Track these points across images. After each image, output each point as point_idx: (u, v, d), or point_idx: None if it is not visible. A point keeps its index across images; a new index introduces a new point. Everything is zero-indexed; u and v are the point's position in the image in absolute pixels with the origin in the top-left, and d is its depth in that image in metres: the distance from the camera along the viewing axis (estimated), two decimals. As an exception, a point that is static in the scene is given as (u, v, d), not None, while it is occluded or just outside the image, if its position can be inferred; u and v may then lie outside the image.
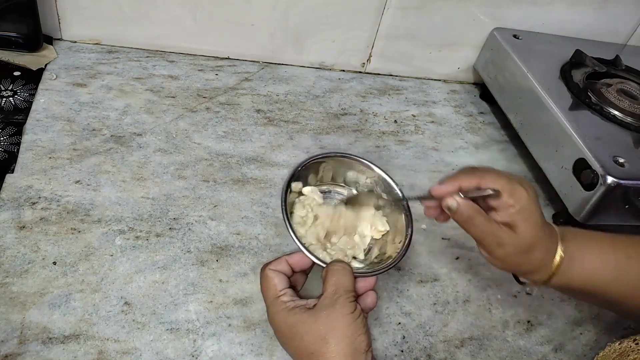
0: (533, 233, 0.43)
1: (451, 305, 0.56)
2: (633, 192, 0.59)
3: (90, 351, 0.44)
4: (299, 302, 0.42)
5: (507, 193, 0.43)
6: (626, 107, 0.69)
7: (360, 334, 0.40)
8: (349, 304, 0.41)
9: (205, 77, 0.77)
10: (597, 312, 0.58)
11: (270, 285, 0.43)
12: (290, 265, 0.45)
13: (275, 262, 0.45)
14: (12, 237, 0.51)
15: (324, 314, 0.40)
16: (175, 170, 0.62)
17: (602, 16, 0.85)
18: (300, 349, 0.41)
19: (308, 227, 0.51)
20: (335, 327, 0.40)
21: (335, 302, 0.41)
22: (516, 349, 0.53)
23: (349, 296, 0.42)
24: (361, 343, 0.40)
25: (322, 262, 0.46)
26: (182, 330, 0.47)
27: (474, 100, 0.87)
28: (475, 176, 0.44)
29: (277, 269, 0.44)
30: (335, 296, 0.42)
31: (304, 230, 0.51)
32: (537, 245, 0.44)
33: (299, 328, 0.41)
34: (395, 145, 0.74)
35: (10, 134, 0.60)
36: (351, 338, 0.40)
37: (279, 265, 0.45)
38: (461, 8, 0.80)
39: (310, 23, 0.79)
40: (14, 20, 0.68)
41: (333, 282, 0.43)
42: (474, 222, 0.43)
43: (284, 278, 0.44)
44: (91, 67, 0.73)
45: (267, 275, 0.44)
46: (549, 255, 0.44)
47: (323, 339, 0.39)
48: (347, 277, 0.43)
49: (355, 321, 0.40)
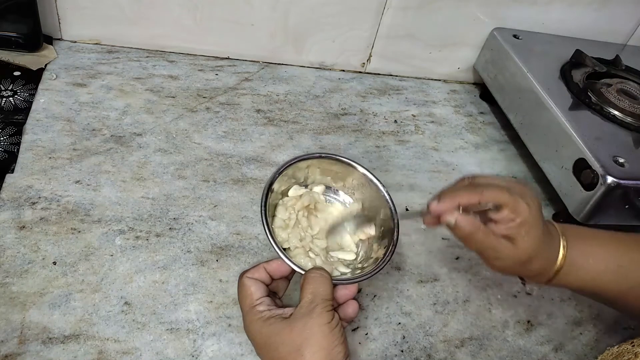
0: (533, 246, 0.43)
1: (451, 305, 0.56)
2: (633, 192, 0.59)
3: (90, 351, 0.44)
4: (275, 312, 0.41)
5: (509, 208, 0.42)
6: (626, 107, 0.69)
7: (337, 344, 0.39)
8: (326, 314, 0.40)
9: (205, 77, 0.77)
10: (597, 312, 0.58)
11: (246, 294, 0.43)
12: (269, 272, 0.44)
13: (253, 269, 0.44)
14: (12, 237, 0.51)
15: (299, 324, 0.39)
16: (175, 170, 0.62)
17: (602, 16, 0.85)
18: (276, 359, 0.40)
19: (290, 230, 0.50)
20: (311, 337, 0.39)
21: (311, 312, 0.40)
22: (516, 349, 0.53)
23: (326, 305, 0.41)
24: (338, 354, 0.39)
25: (301, 269, 0.44)
26: (182, 330, 0.47)
27: (474, 100, 0.87)
28: (476, 192, 0.42)
29: (254, 276, 0.43)
30: (312, 305, 0.41)
31: (286, 234, 0.50)
32: (537, 257, 0.43)
33: (274, 338, 0.40)
34: (395, 145, 0.74)
35: (10, 134, 0.60)
36: (327, 349, 0.39)
37: (257, 273, 0.44)
38: (461, 8, 0.80)
39: (310, 23, 0.79)
40: (14, 20, 0.68)
41: (310, 291, 0.42)
42: (474, 238, 0.43)
43: (261, 286, 0.43)
44: (91, 67, 0.73)
45: (243, 284, 0.43)
46: (549, 264, 0.44)
47: (298, 350, 0.38)
48: (324, 285, 0.42)
49: (332, 331, 0.39)
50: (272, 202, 0.50)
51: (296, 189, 0.53)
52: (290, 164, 0.51)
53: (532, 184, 0.73)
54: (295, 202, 0.52)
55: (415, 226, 0.62)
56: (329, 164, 0.53)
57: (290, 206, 0.51)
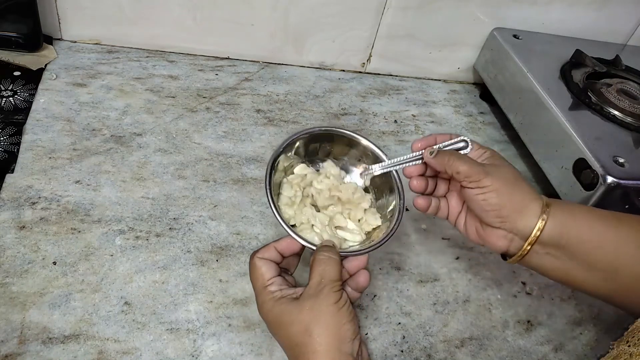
0: (512, 169, 0.46)
1: (451, 305, 0.56)
2: (633, 192, 0.59)
3: (90, 351, 0.44)
4: (286, 292, 0.42)
5: (476, 145, 0.49)
6: (626, 107, 0.69)
7: (345, 322, 0.40)
8: (333, 294, 0.41)
9: (205, 77, 0.77)
10: (597, 312, 0.58)
11: (257, 275, 0.43)
12: (279, 251, 0.45)
13: (263, 249, 0.45)
14: (12, 237, 0.51)
15: (307, 305, 0.41)
16: (175, 170, 0.62)
17: (602, 16, 0.85)
18: (287, 338, 0.41)
19: (296, 207, 0.50)
20: (318, 317, 0.40)
21: (319, 293, 0.41)
22: (516, 349, 0.53)
23: (334, 286, 0.42)
24: (347, 332, 0.40)
25: (312, 245, 0.45)
26: (182, 330, 0.47)
27: (474, 100, 0.87)
28: (447, 133, 0.50)
29: (264, 256, 0.44)
30: (320, 287, 0.42)
31: (292, 212, 0.49)
32: (520, 181, 0.45)
33: (284, 318, 0.41)
34: (395, 145, 0.74)
35: (10, 134, 0.60)
36: (334, 328, 0.40)
37: (267, 253, 0.44)
38: (461, 8, 0.80)
39: (310, 23, 0.79)
40: (14, 20, 0.68)
41: (319, 272, 0.43)
42: (456, 158, 0.46)
43: (272, 266, 0.44)
44: (91, 67, 0.73)
45: (255, 264, 0.44)
46: (532, 200, 0.44)
47: (306, 329, 0.39)
48: (333, 267, 0.43)
49: (339, 311, 0.40)
50: (276, 181, 0.50)
51: (302, 168, 0.53)
52: (291, 139, 0.50)
53: (532, 184, 0.73)
54: (300, 180, 0.51)
55: (415, 226, 0.62)
56: (330, 139, 0.53)
57: (296, 184, 0.51)
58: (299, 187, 0.51)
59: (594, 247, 0.44)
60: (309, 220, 0.49)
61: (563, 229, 0.44)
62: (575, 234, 0.44)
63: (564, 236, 0.44)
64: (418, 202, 0.50)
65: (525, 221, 0.44)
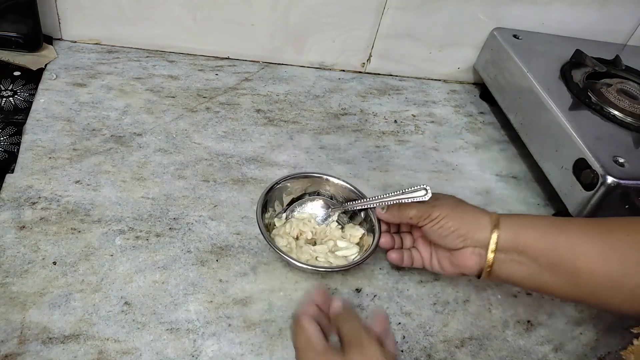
0: (451, 196, 0.52)
1: (451, 305, 0.56)
2: (633, 192, 0.59)
3: (90, 351, 0.44)
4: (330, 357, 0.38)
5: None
6: (626, 107, 0.69)
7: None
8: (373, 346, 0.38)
9: (205, 77, 0.77)
10: (597, 312, 0.58)
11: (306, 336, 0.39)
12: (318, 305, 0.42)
13: (306, 306, 0.41)
14: (12, 237, 0.51)
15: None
16: (175, 170, 0.62)
17: (602, 16, 0.85)
18: None
19: (296, 251, 0.54)
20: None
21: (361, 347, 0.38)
22: (516, 349, 0.53)
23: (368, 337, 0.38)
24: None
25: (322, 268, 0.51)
26: (182, 330, 0.47)
27: (474, 100, 0.87)
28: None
29: (309, 314, 0.41)
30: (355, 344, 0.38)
31: (295, 255, 0.53)
32: (463, 203, 0.51)
33: None
34: (395, 145, 0.74)
35: (10, 134, 0.60)
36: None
37: (310, 309, 0.41)
38: (461, 8, 0.80)
39: (310, 23, 0.79)
40: (14, 20, 0.68)
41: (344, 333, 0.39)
42: (405, 207, 0.51)
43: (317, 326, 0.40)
44: (91, 67, 0.73)
45: (302, 326, 0.40)
46: (481, 214, 0.49)
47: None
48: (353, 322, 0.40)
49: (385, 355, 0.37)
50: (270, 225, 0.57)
51: (279, 219, 0.57)
52: (268, 189, 0.56)
53: (532, 184, 0.73)
54: (286, 231, 0.56)
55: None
56: (302, 181, 0.59)
57: (284, 234, 0.55)
58: (289, 236, 0.55)
59: (549, 248, 0.47)
60: (311, 255, 0.54)
61: (516, 233, 0.48)
62: (530, 236, 0.48)
63: (520, 240, 0.48)
64: (392, 257, 0.54)
65: (482, 232, 0.48)
